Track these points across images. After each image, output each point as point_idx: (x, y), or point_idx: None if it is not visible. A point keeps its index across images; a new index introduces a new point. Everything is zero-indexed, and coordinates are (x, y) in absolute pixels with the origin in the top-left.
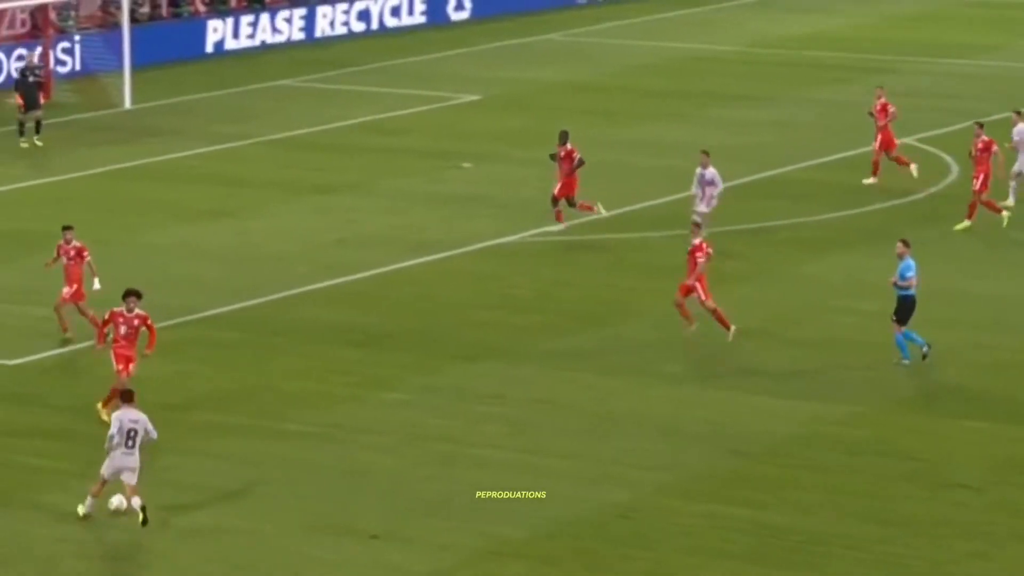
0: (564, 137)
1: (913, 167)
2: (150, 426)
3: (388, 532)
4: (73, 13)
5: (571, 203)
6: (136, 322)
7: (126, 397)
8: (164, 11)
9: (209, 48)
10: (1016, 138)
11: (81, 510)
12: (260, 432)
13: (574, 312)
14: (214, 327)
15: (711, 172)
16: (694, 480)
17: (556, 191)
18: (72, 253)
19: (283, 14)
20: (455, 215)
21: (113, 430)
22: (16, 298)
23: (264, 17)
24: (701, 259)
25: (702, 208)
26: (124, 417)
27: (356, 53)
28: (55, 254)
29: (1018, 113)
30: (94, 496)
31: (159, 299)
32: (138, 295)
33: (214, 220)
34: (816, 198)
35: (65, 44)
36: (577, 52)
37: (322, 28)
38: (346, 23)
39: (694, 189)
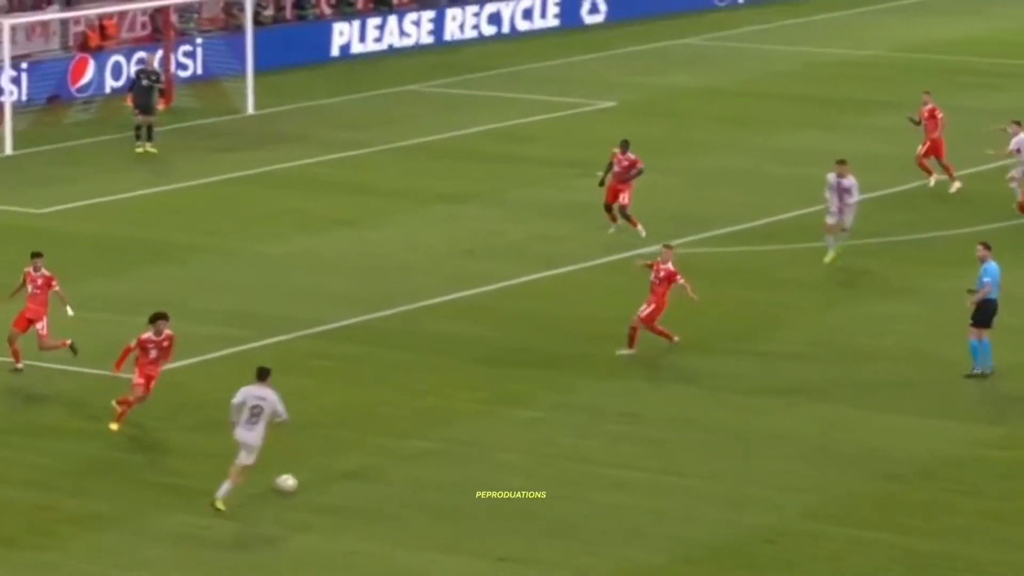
0: (625, 146)
1: (955, 184)
2: (280, 407)
3: (518, 555)
4: (195, 16)
5: (624, 214)
6: (166, 343)
7: (261, 375)
8: (288, 13)
9: (334, 52)
10: (1013, 147)
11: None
12: (385, 450)
13: (713, 328)
14: (337, 340)
15: (849, 181)
16: (843, 504)
17: (608, 198)
18: (40, 282)
19: (411, 17)
20: (587, 226)
21: (235, 401)
22: (136, 309)
23: (392, 20)
24: (680, 283)
25: (835, 220)
26: (250, 392)
27: (486, 57)
28: (21, 281)
29: (1018, 124)
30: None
31: (280, 311)
32: (166, 317)
33: (338, 229)
34: (963, 209)
35: (186, 48)
36: (715, 57)
37: (451, 31)
38: (476, 26)
39: (828, 198)
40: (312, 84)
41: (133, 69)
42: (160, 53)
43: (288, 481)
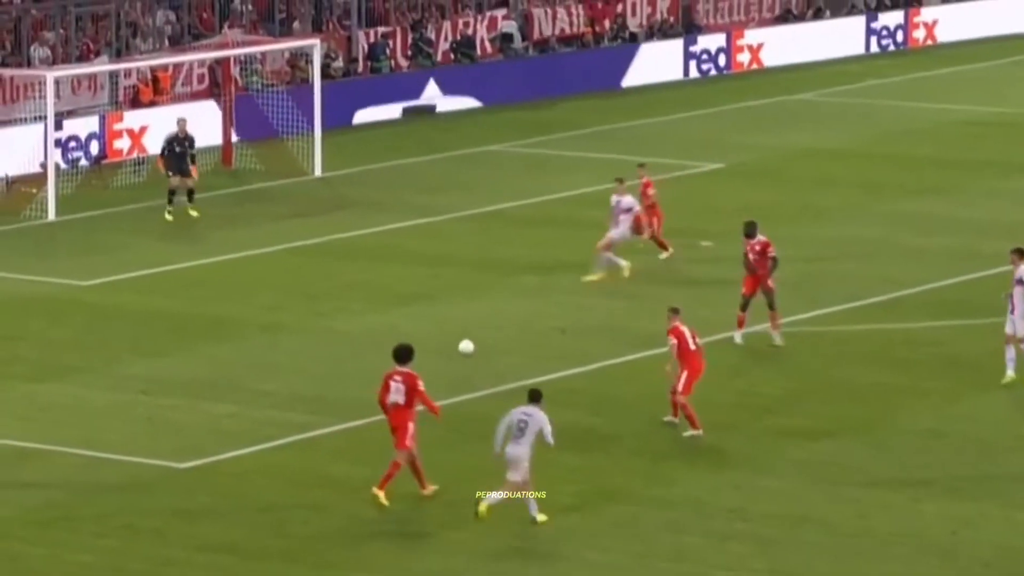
0: (752, 229)
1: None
2: (548, 428)
3: None
4: (257, 68)
5: (769, 303)
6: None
7: (533, 396)
8: (360, 66)
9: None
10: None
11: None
12: (465, 547)
13: (831, 413)
14: (427, 428)
15: (628, 200)
16: None
17: (746, 290)
18: None
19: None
20: (694, 301)
21: (501, 424)
22: (187, 391)
23: (475, 72)
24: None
25: (614, 235)
26: (518, 410)
27: (576, 113)
28: None
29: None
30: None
31: (350, 394)
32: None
33: (413, 304)
34: None
35: (248, 103)
36: (833, 113)
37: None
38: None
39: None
40: (386, 143)
41: (165, 133)
42: (184, 120)
43: (468, 346)
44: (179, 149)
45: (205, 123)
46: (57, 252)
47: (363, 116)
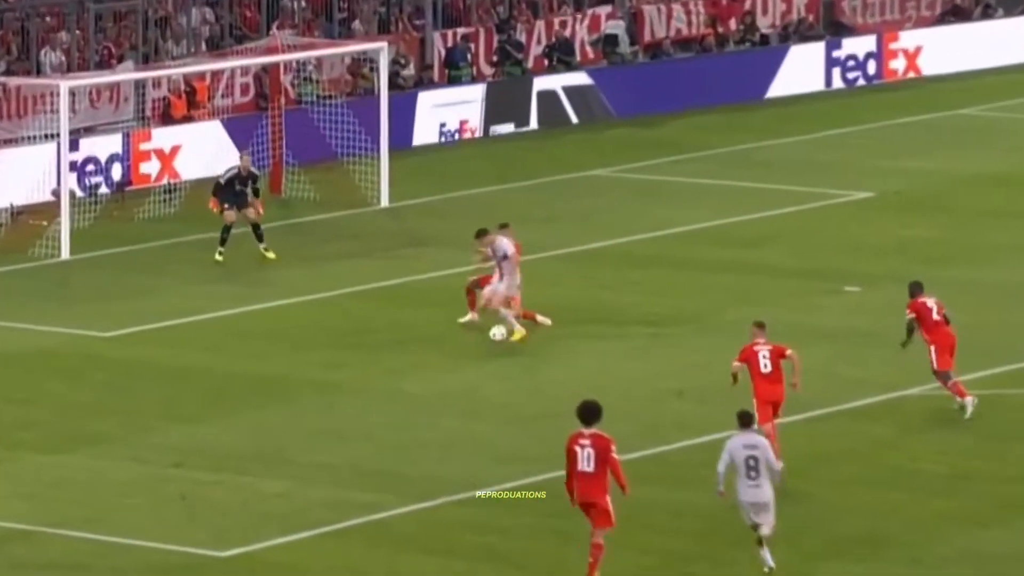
0: (916, 290)
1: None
2: (771, 454)
3: None
4: (312, 76)
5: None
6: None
7: (744, 420)
8: (436, 74)
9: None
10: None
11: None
12: None
13: (1002, 495)
14: (498, 508)
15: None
16: None
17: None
18: None
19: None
20: (835, 358)
21: (720, 465)
22: (229, 465)
23: (573, 80)
24: None
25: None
26: (737, 443)
27: (695, 132)
28: None
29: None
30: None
31: (423, 469)
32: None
33: (498, 360)
34: None
35: (301, 118)
36: (1006, 132)
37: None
38: None
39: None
40: (465, 167)
41: (224, 171)
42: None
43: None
44: (240, 187)
45: (250, 142)
46: (73, 297)
47: (439, 134)
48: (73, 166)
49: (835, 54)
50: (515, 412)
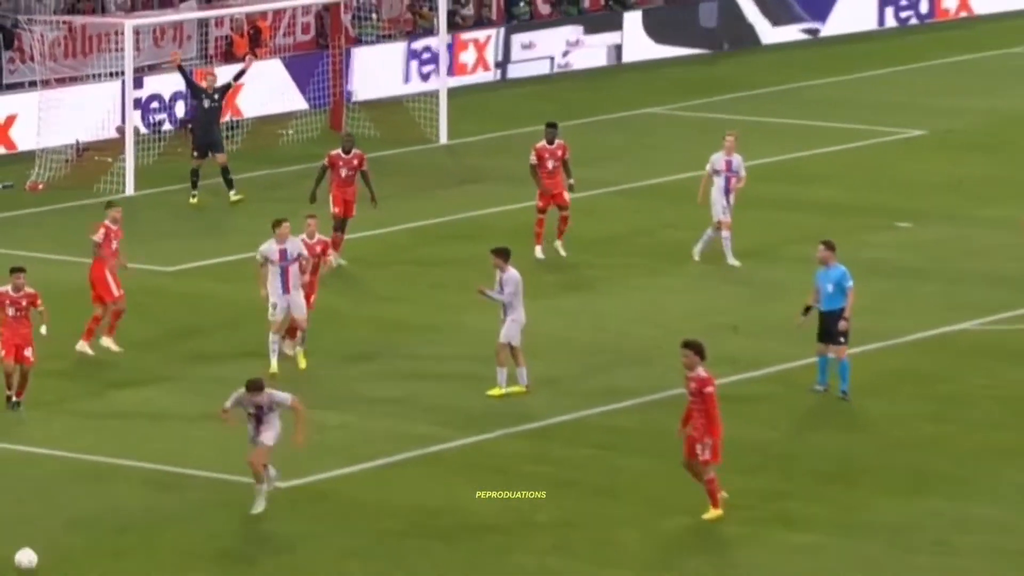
0: None
1: None
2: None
3: None
4: (373, 16)
5: None
6: (25, 302)
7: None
8: (494, 12)
9: (556, 64)
10: None
11: None
12: None
13: None
14: (553, 440)
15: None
16: None
17: None
18: (24, 303)
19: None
20: (886, 293)
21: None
22: (301, 400)
23: (627, 20)
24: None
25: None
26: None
27: (750, 71)
28: None
29: None
30: None
31: (482, 404)
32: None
33: (557, 296)
34: None
35: (362, 57)
36: None
37: None
38: None
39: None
40: (524, 105)
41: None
42: (248, 65)
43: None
44: (208, 103)
45: (311, 80)
46: (137, 233)
47: (497, 72)
48: (137, 103)
49: None
50: (572, 346)
